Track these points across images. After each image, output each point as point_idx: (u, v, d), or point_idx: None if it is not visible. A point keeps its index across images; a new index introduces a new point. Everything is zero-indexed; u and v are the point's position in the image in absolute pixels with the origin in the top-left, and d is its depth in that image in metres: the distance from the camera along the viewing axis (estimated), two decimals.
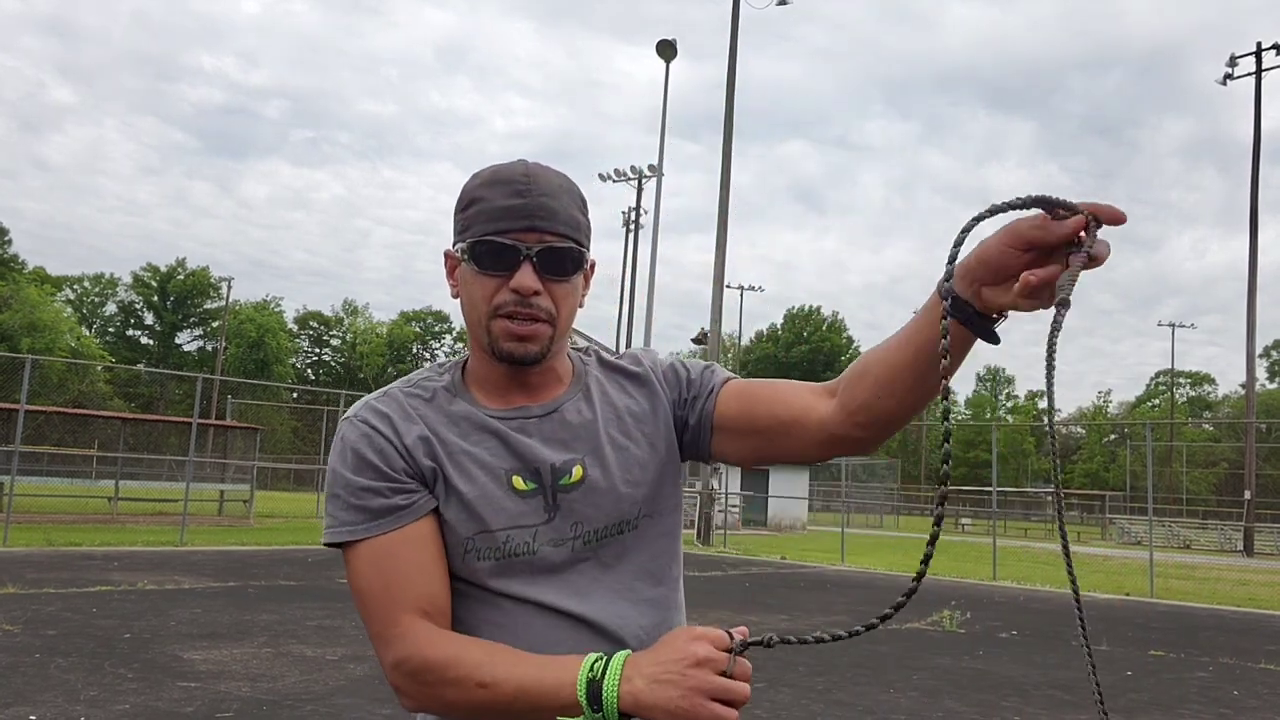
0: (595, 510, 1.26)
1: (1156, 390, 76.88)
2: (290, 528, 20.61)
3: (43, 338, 50.22)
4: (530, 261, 1.22)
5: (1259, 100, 33.73)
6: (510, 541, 1.23)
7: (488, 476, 1.24)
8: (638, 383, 1.36)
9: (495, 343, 1.25)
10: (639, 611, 1.27)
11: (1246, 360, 33.28)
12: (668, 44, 26.76)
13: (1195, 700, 7.10)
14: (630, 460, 1.30)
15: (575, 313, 1.30)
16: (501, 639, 1.20)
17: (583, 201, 1.31)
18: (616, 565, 1.27)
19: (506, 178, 1.26)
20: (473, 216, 1.27)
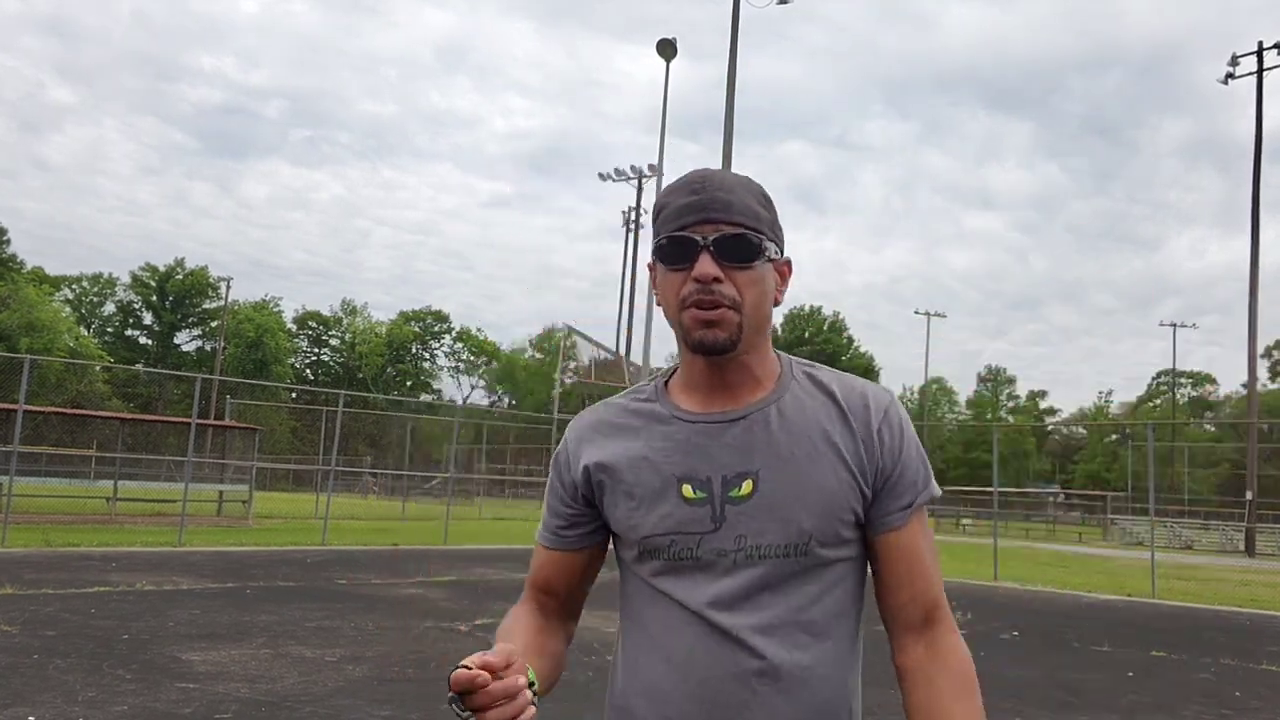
0: (762, 527, 1.27)
1: (1158, 390, 76.89)
2: (289, 528, 20.59)
3: (41, 338, 50.19)
4: (708, 250, 1.27)
5: (1260, 100, 33.75)
6: (674, 546, 1.30)
7: (660, 482, 1.31)
8: (839, 411, 1.33)
9: (687, 334, 1.30)
10: (790, 646, 1.28)
11: (1248, 360, 33.30)
12: (668, 43, 26.74)
13: (1197, 701, 7.08)
14: (810, 483, 1.29)
15: (766, 303, 1.32)
16: (655, 634, 1.32)
17: (763, 197, 1.34)
18: (777, 589, 1.28)
19: (684, 182, 1.33)
20: (659, 222, 1.34)
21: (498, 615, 9.79)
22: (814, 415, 1.32)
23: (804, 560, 1.28)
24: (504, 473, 47.86)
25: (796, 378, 1.36)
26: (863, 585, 1.36)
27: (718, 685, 1.26)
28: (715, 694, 1.26)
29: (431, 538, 19.85)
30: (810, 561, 1.28)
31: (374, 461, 53.21)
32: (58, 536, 15.28)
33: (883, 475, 1.31)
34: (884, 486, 1.31)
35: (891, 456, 1.31)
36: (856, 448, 1.30)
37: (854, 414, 1.32)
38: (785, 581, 1.28)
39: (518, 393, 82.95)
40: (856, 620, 1.35)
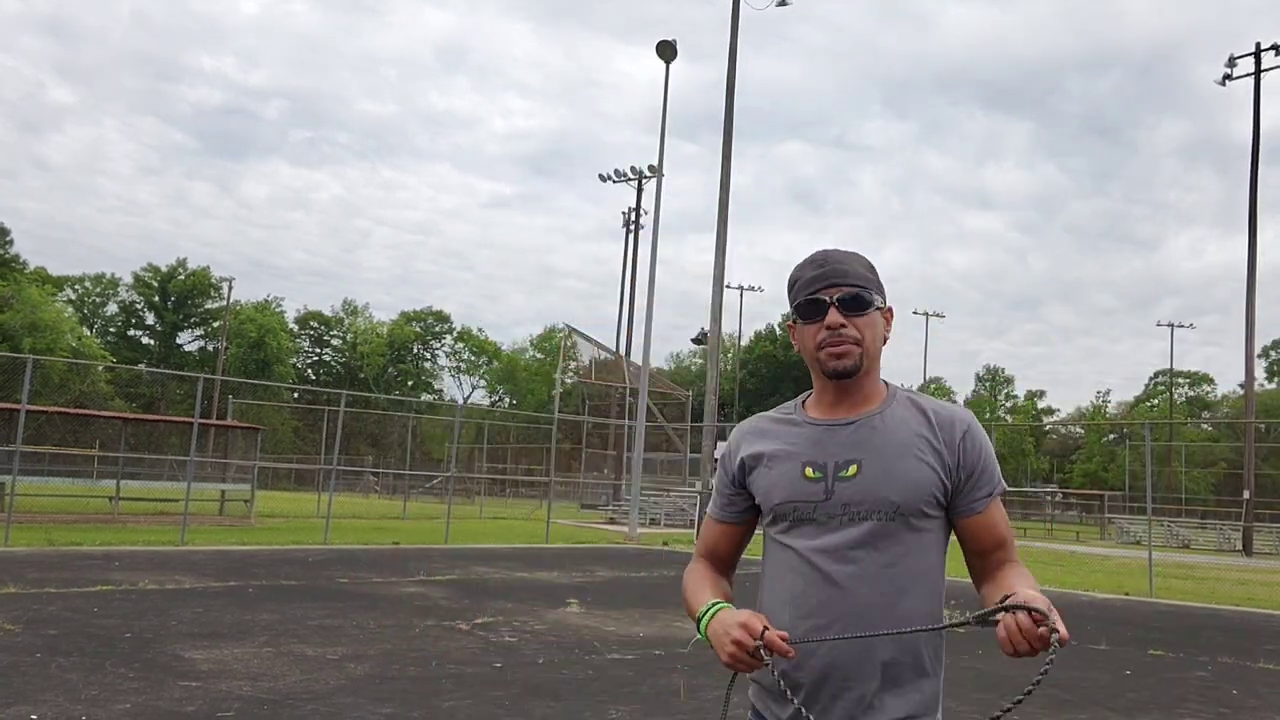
0: (862, 498, 1.77)
1: (1155, 390, 76.89)
2: (291, 527, 20.63)
3: (44, 338, 50.25)
4: (834, 306, 1.80)
5: (1258, 100, 33.76)
6: (796, 511, 1.81)
7: (790, 464, 1.83)
8: (930, 427, 1.83)
9: (823, 365, 1.82)
10: (875, 591, 1.76)
11: (1245, 360, 33.30)
12: (668, 44, 26.76)
13: (1194, 699, 7.11)
14: (898, 471, 1.78)
15: (879, 341, 1.85)
16: (780, 576, 1.84)
17: (869, 264, 1.88)
18: (869, 546, 1.76)
19: (811, 260, 1.87)
20: (795, 290, 1.87)
21: (498, 614, 9.84)
22: (909, 425, 1.82)
23: (893, 526, 1.76)
24: (504, 472, 47.87)
25: (899, 400, 1.87)
26: (941, 555, 1.85)
27: (821, 617, 1.76)
28: (819, 623, 1.76)
29: (432, 537, 19.90)
30: (898, 528, 1.77)
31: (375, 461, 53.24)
32: (60, 536, 15.33)
33: (964, 472, 1.81)
34: (967, 481, 1.81)
35: (972, 461, 1.81)
36: (941, 451, 1.80)
37: (942, 427, 1.82)
38: (875, 541, 1.76)
39: (518, 392, 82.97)
40: (934, 581, 1.82)
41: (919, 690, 1.80)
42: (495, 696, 6.07)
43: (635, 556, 18.27)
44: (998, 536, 1.83)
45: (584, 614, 9.97)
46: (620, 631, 8.96)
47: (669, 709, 5.99)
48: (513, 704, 5.90)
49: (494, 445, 50.76)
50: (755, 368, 73.28)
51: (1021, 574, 1.78)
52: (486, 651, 7.60)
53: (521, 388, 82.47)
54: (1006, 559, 1.84)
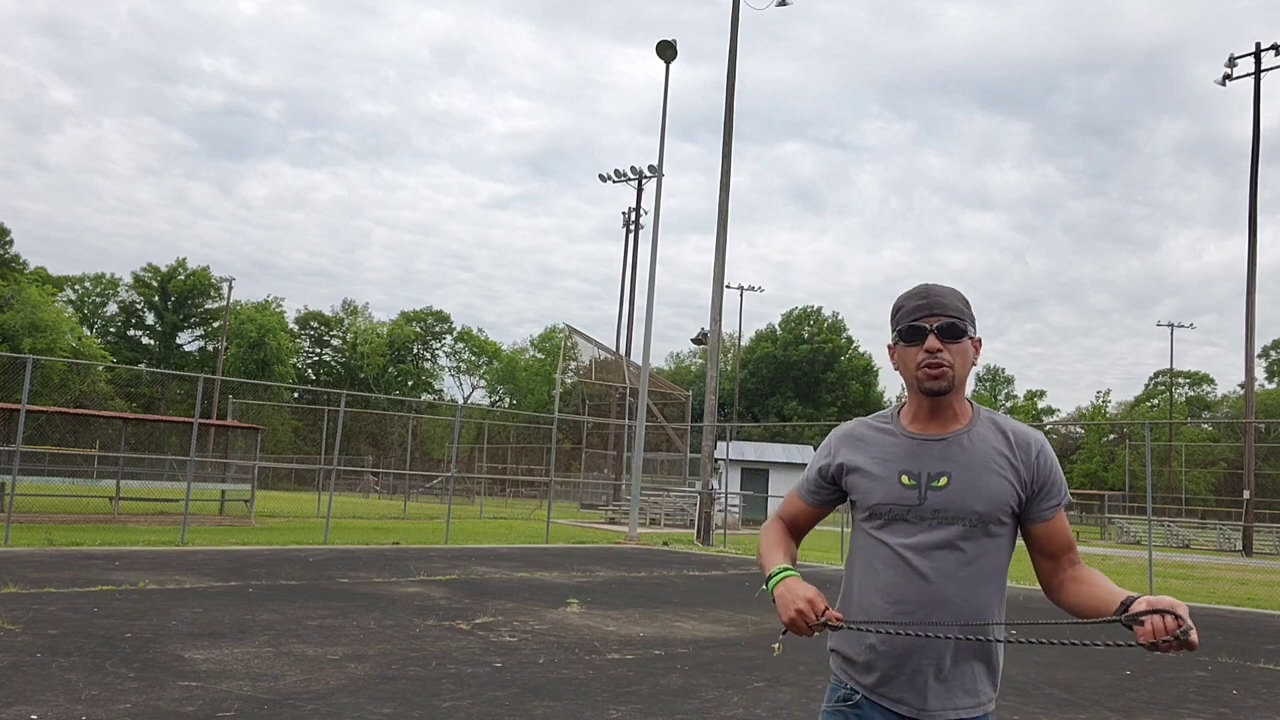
0: (950, 505, 2.06)
1: (1155, 390, 76.89)
2: (291, 527, 20.64)
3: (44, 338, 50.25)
4: (933, 333, 2.08)
5: (1258, 100, 33.76)
6: (891, 511, 2.09)
7: (887, 471, 2.11)
8: (1009, 446, 2.11)
9: (920, 384, 2.10)
10: (955, 584, 2.06)
11: (1245, 360, 33.29)
12: (668, 44, 26.75)
13: (1194, 699, 7.12)
14: (982, 484, 2.07)
15: (968, 365, 2.13)
16: (872, 565, 2.12)
17: (964, 299, 2.15)
18: (953, 547, 2.05)
19: (915, 291, 2.15)
20: (899, 317, 2.14)
21: (498, 614, 9.83)
22: (992, 444, 2.10)
23: (974, 531, 2.05)
24: (504, 472, 47.88)
25: (983, 420, 2.15)
26: (1009, 558, 2.12)
27: (908, 604, 2.05)
28: (906, 609, 2.05)
29: (433, 537, 19.90)
30: (978, 533, 2.06)
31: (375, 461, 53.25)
32: (60, 536, 15.33)
33: (1037, 485, 2.10)
34: (1039, 492, 2.10)
35: (1044, 476, 2.10)
36: (1019, 468, 2.09)
37: (1020, 447, 2.10)
38: (959, 543, 2.05)
39: (518, 392, 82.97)
40: (1002, 578, 2.12)
41: (982, 685, 2.11)
42: (495, 696, 6.08)
43: (635, 556, 18.28)
44: (1065, 540, 2.13)
45: (584, 614, 9.98)
46: (620, 631, 8.96)
47: (669, 709, 6.00)
48: (513, 704, 5.90)
49: (494, 445, 50.78)
50: (755, 368, 73.26)
51: (1104, 577, 2.07)
52: (486, 651, 7.60)
53: (521, 388, 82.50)
54: (1076, 560, 2.14)
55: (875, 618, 2.07)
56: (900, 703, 2.06)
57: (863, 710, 2.10)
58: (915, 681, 2.05)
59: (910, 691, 2.05)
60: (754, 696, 6.47)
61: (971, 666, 2.08)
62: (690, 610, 10.73)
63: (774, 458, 34.89)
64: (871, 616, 2.07)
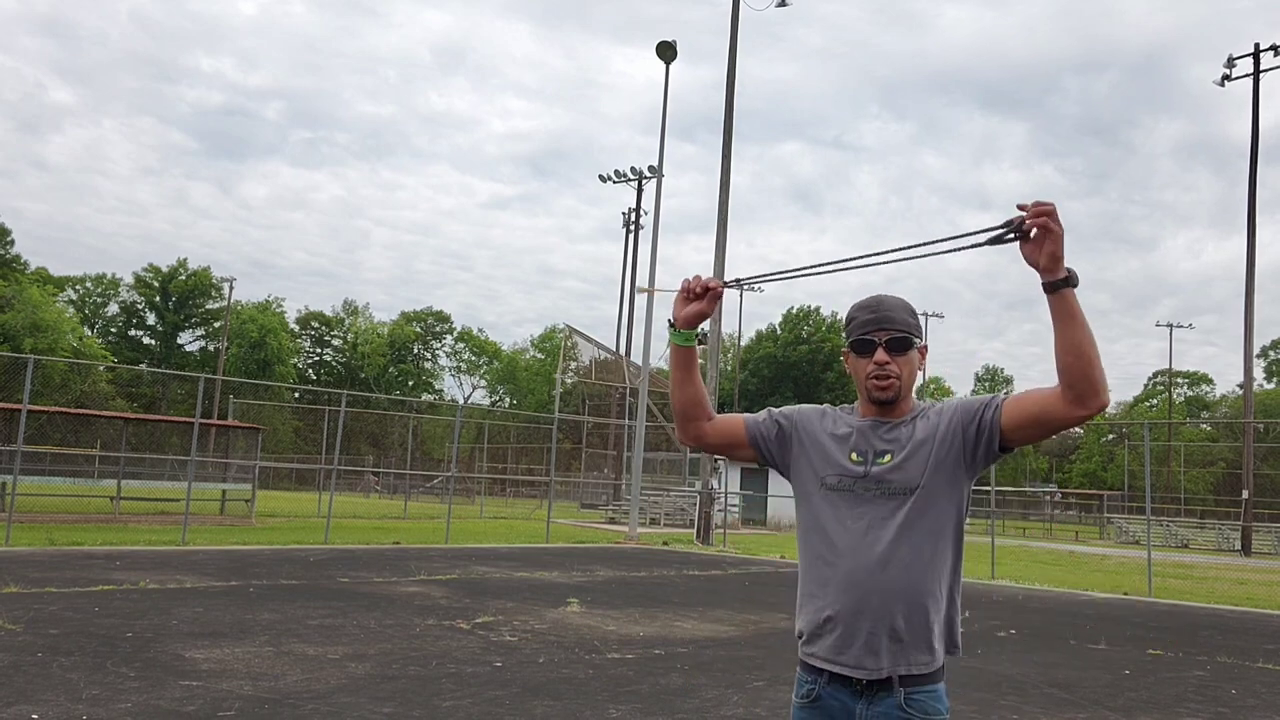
0: (895, 477, 2.21)
1: (1154, 390, 76.89)
2: (292, 527, 20.65)
3: (45, 338, 50.26)
4: (882, 346, 2.24)
5: (1256, 101, 33.76)
6: (841, 482, 2.25)
7: (839, 448, 2.28)
8: (938, 415, 2.25)
9: (870, 394, 2.26)
10: (890, 543, 2.17)
11: (1244, 360, 33.29)
12: (668, 45, 26.76)
13: (1193, 699, 7.13)
14: (921, 457, 2.20)
15: (914, 373, 2.29)
16: (821, 526, 2.26)
17: (912, 311, 2.30)
18: (896, 510, 2.19)
19: (866, 305, 2.30)
20: (851, 328, 2.30)
21: (498, 613, 9.84)
22: (928, 425, 2.24)
23: (913, 497, 2.18)
24: (505, 472, 47.88)
25: (921, 410, 2.28)
26: (959, 527, 2.23)
27: (859, 568, 2.17)
28: (857, 573, 2.17)
29: (433, 536, 19.92)
30: (919, 501, 2.18)
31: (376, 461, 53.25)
32: (61, 535, 15.35)
33: (967, 427, 2.19)
34: (974, 428, 2.19)
35: (952, 412, 2.23)
36: (939, 428, 2.21)
37: (940, 414, 2.25)
38: (902, 511, 2.18)
39: (518, 392, 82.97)
40: (950, 545, 2.21)
41: (936, 643, 2.18)
42: (495, 696, 6.09)
43: (635, 556, 18.29)
44: (1029, 399, 2.16)
45: (584, 613, 9.99)
46: (620, 631, 8.98)
47: (669, 709, 6.01)
48: (513, 704, 5.92)
49: (494, 445, 50.78)
50: (755, 368, 73.26)
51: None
52: (487, 651, 7.62)
53: (522, 388, 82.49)
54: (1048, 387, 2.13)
55: (829, 587, 2.20)
56: (859, 667, 2.15)
57: (821, 702, 2.21)
58: (871, 643, 2.14)
59: (867, 654, 2.14)
60: (754, 696, 6.48)
61: (925, 626, 2.15)
62: (690, 610, 10.74)
63: None
64: (825, 586, 2.21)
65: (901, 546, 2.15)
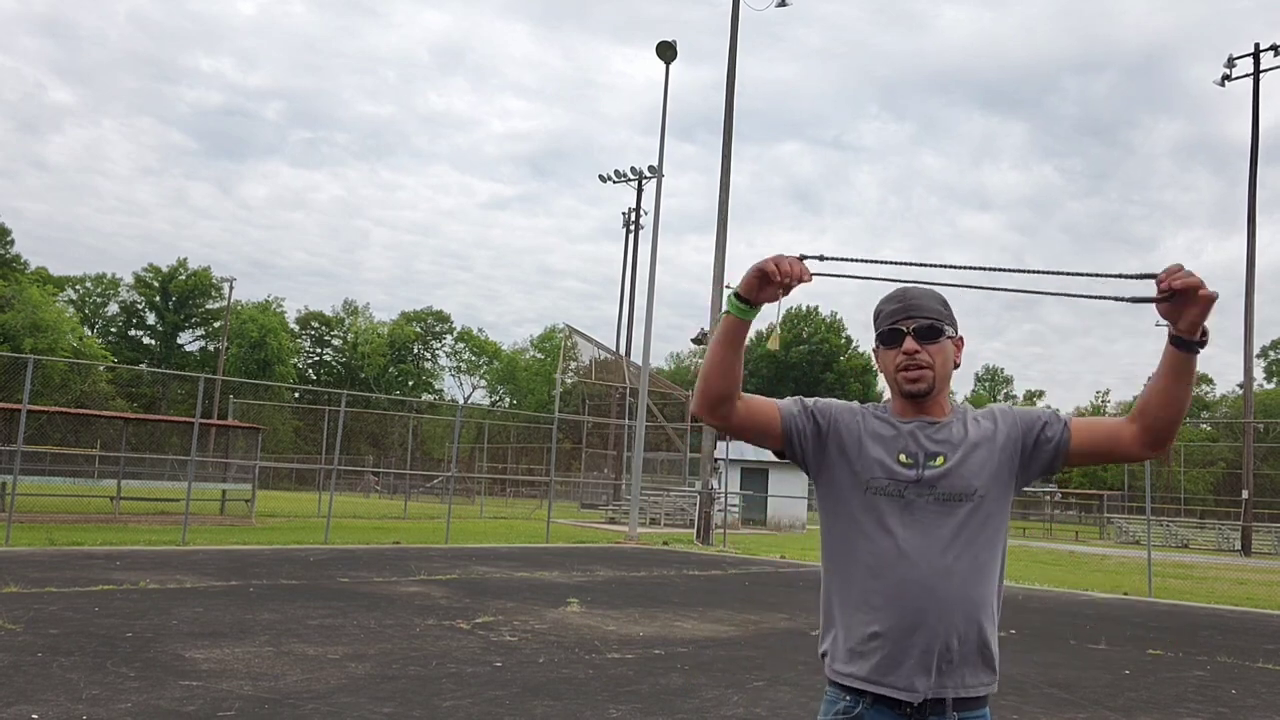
0: (951, 482, 2.05)
1: None
2: (292, 527, 20.65)
3: (45, 338, 50.26)
4: (910, 335, 2.10)
5: (1256, 101, 33.76)
6: (890, 486, 2.07)
7: (884, 449, 2.10)
8: (990, 420, 2.14)
9: (900, 386, 2.11)
10: (947, 554, 2.03)
11: (1244, 360, 33.28)
12: (668, 45, 26.76)
13: (1193, 699, 7.13)
14: (977, 461, 2.07)
15: (949, 365, 2.13)
16: (866, 533, 2.08)
17: (943, 301, 2.16)
18: (952, 517, 2.05)
19: (892, 296, 2.17)
20: (879, 321, 2.16)
21: (498, 613, 9.85)
22: (980, 425, 2.12)
23: (972, 504, 2.05)
24: (505, 472, 47.89)
25: (965, 410, 2.17)
26: (1005, 540, 2.13)
27: (913, 580, 2.01)
28: (910, 586, 2.01)
29: (433, 536, 19.92)
30: (978, 506, 2.06)
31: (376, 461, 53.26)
32: (61, 535, 15.35)
33: (1025, 437, 2.10)
34: (1032, 439, 2.10)
35: (1016, 418, 2.14)
36: (997, 434, 2.10)
37: (987, 417, 2.14)
38: (959, 518, 2.04)
39: (518, 392, 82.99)
40: (1001, 559, 2.11)
41: (988, 666, 2.08)
42: (495, 696, 6.09)
43: (635, 556, 18.29)
44: (1100, 426, 2.12)
45: (584, 613, 9.99)
46: (620, 631, 8.98)
47: (669, 709, 6.01)
48: (513, 703, 5.92)
49: (494, 445, 50.79)
50: (755, 368, 73.28)
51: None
52: (487, 651, 7.62)
53: (522, 388, 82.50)
54: (1126, 418, 2.09)
55: (875, 600, 2.03)
56: (910, 689, 1.99)
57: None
58: (924, 662, 1.99)
59: (919, 674, 1.99)
60: (754, 696, 6.48)
61: (977, 647, 2.04)
62: (690, 610, 10.74)
63: (774, 458, 34.86)
64: (870, 599, 2.03)
65: (962, 557, 2.01)
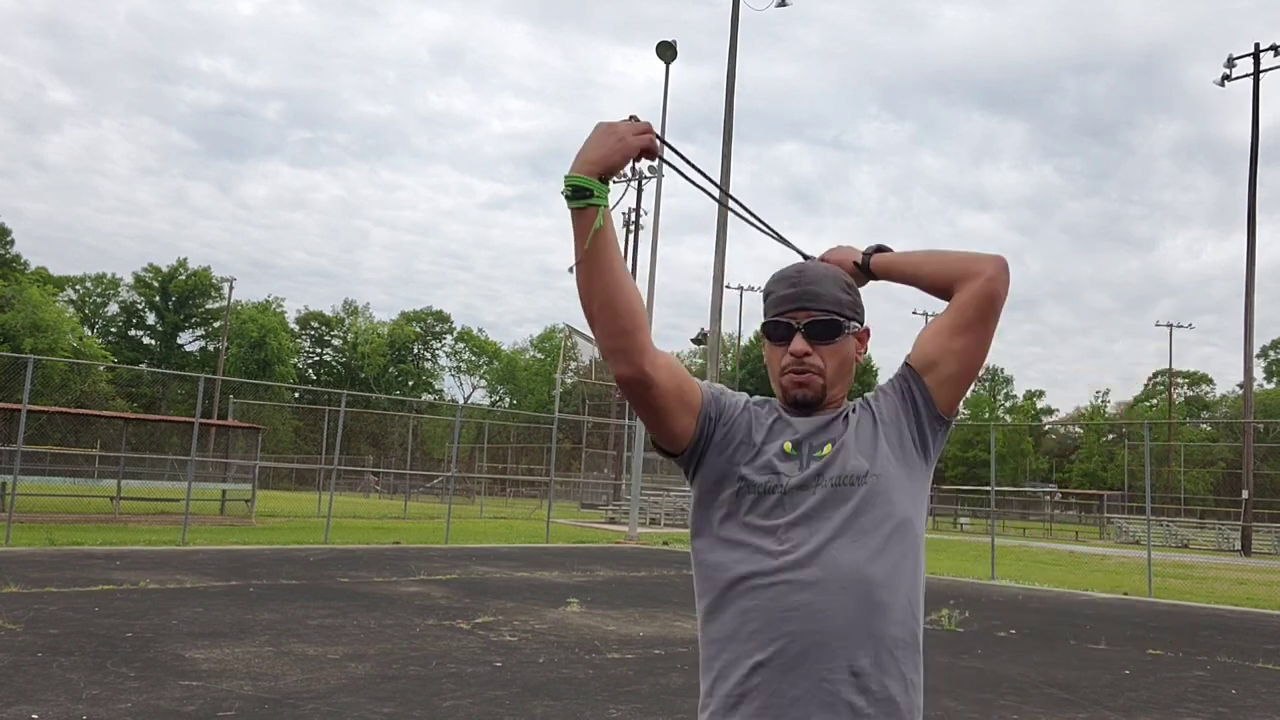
0: (841, 469, 1.66)
1: (1154, 390, 76.87)
2: (292, 527, 20.65)
3: (45, 338, 50.23)
4: (799, 332, 1.71)
5: (1257, 100, 33.76)
6: (770, 481, 1.66)
7: (766, 439, 1.70)
8: (867, 406, 1.77)
9: (784, 393, 1.74)
10: (847, 543, 1.63)
11: (1244, 360, 33.29)
12: (668, 45, 26.77)
13: (1193, 699, 7.13)
14: (865, 440, 1.70)
15: (847, 366, 1.75)
16: (740, 540, 1.66)
17: (847, 285, 1.78)
18: (849, 511, 1.64)
19: (784, 275, 1.78)
20: (767, 305, 1.78)
21: (498, 613, 9.85)
22: (864, 414, 1.75)
23: (865, 487, 1.65)
24: (505, 472, 47.89)
25: (853, 405, 1.79)
26: (920, 533, 1.70)
27: (800, 589, 1.59)
28: (797, 598, 1.59)
29: (433, 536, 19.92)
30: (872, 488, 1.66)
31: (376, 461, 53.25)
32: (61, 535, 15.35)
33: (900, 396, 1.76)
34: (905, 394, 1.76)
35: (890, 391, 1.78)
36: (888, 410, 1.75)
37: (876, 398, 1.78)
38: (852, 506, 1.64)
39: (518, 392, 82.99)
40: (915, 554, 1.69)
41: (914, 694, 1.70)
42: (495, 696, 6.09)
43: (635, 556, 18.29)
44: (937, 329, 1.79)
45: (584, 613, 9.99)
46: (620, 631, 8.98)
47: (669, 709, 6.01)
48: (513, 704, 5.92)
49: (494, 445, 50.79)
50: (755, 368, 73.27)
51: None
52: (487, 651, 7.62)
53: (521, 388, 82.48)
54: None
55: (753, 623, 1.61)
56: None
57: None
58: (825, 697, 1.57)
59: (821, 712, 1.56)
60: None
61: (898, 662, 1.63)
62: (690, 610, 10.74)
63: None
64: (748, 623, 1.62)
65: (857, 553, 1.60)
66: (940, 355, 1.75)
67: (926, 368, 1.75)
